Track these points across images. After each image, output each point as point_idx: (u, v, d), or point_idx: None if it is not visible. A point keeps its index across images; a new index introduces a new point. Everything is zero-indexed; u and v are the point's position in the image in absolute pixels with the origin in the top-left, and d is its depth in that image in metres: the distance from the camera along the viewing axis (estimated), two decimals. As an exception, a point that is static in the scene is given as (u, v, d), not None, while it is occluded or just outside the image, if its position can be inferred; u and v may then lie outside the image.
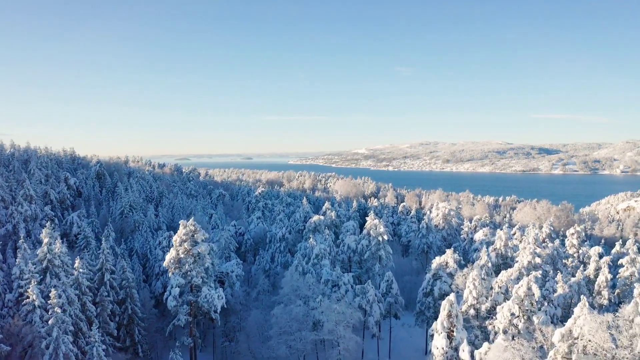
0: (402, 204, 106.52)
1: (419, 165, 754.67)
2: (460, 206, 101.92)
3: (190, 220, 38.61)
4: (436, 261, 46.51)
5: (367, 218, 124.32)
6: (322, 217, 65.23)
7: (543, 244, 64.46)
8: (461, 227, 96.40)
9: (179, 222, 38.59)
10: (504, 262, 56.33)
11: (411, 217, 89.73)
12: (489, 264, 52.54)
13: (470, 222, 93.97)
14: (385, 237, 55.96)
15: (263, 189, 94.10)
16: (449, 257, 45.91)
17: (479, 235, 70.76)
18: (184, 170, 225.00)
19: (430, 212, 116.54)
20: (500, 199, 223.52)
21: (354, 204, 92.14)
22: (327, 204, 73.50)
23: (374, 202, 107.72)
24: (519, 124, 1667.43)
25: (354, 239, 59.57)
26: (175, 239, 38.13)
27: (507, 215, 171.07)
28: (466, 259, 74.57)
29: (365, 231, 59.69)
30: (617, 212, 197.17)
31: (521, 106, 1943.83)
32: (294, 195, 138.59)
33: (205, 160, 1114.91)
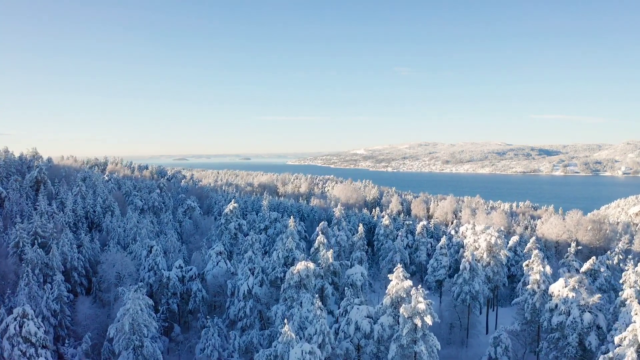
0: (422, 223, 78.99)
1: (418, 166, 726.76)
2: (497, 228, 74.73)
3: None
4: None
5: (374, 237, 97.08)
6: (310, 265, 37.79)
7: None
8: (513, 259, 69.18)
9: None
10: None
11: (441, 248, 62.04)
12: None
13: (529, 258, 66.86)
14: (429, 321, 28.57)
15: (235, 205, 66.53)
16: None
17: (559, 288, 43.38)
18: (168, 172, 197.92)
19: (457, 230, 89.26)
20: (514, 204, 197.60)
21: (360, 229, 64.59)
22: (320, 236, 45.91)
23: (385, 220, 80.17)
24: (518, 124, 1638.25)
25: (367, 313, 32.26)
26: None
27: (529, 227, 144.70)
28: (534, 319, 47.38)
29: (387, 299, 32.33)
30: (629, 217, 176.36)
31: (520, 107, 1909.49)
32: (284, 206, 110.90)
33: (204, 160, 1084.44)
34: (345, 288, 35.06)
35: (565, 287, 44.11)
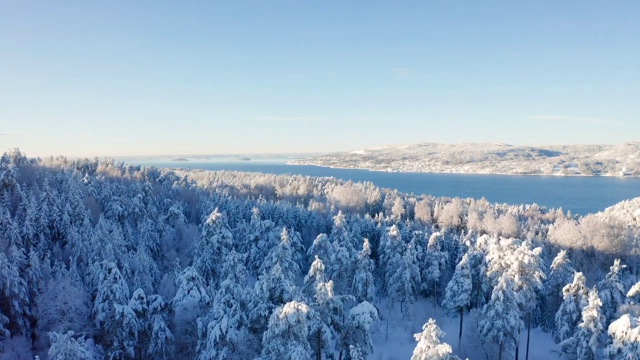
0: (435, 234, 68.42)
1: (418, 167, 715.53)
2: (527, 243, 63.77)
3: None
4: None
5: (379, 247, 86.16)
6: (302, 308, 27.43)
7: None
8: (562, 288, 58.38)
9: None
10: None
11: (462, 268, 51.31)
12: None
13: (560, 276, 56.25)
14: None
15: (218, 214, 56.17)
16: None
17: (623, 329, 33.14)
18: (161, 173, 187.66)
19: (473, 241, 78.53)
20: (521, 207, 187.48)
21: (365, 245, 53.94)
22: (317, 262, 35.48)
23: (392, 230, 69.44)
24: (517, 125, 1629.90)
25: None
26: None
27: (540, 232, 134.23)
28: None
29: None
30: (634, 219, 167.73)
31: (519, 107, 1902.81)
32: (279, 212, 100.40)
33: (203, 160, 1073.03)
34: (351, 346, 24.54)
35: (633, 327, 33.82)
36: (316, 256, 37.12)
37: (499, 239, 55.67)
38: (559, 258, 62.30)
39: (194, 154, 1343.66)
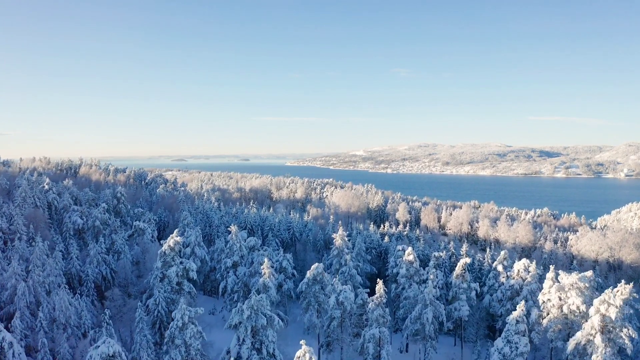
0: (462, 261, 52.72)
1: (418, 168, 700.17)
2: (587, 275, 48.31)
3: None
4: None
5: (387, 269, 69.50)
6: None
7: None
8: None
9: None
10: None
11: (517, 322, 35.23)
12: None
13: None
14: None
15: (177, 239, 40.89)
16: None
17: None
18: (149, 176, 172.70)
19: (507, 266, 62.14)
20: (532, 212, 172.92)
21: (379, 288, 38.41)
22: (304, 350, 20.39)
23: (408, 255, 53.83)
24: (517, 126, 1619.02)
25: None
26: None
27: (559, 242, 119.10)
28: None
29: None
30: None
31: (519, 108, 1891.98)
32: (270, 223, 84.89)
33: (202, 161, 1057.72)
34: None
35: None
36: (302, 342, 21.89)
37: (558, 273, 40.41)
38: (624, 292, 46.95)
39: (194, 155, 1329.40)
